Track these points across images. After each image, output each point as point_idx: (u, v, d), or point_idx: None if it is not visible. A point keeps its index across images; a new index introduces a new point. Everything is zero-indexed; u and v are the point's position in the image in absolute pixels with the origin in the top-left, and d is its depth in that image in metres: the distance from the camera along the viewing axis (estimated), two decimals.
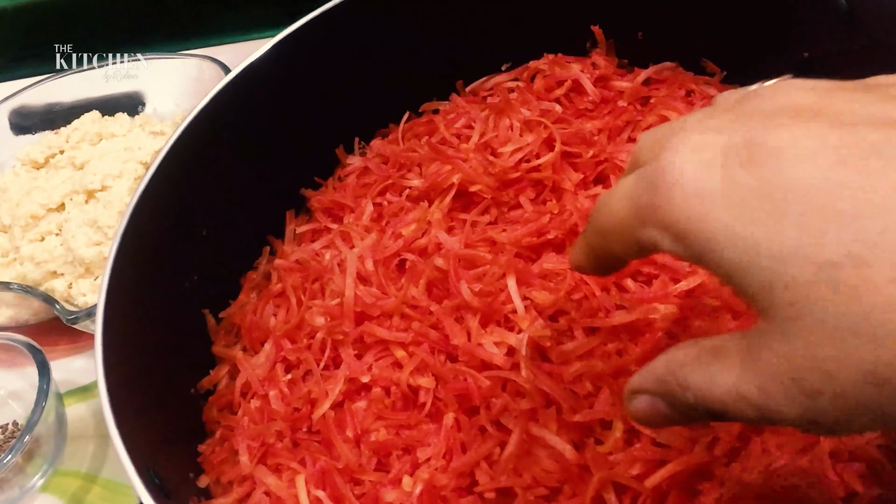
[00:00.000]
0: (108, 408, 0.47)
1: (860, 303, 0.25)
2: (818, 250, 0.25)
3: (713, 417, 0.31)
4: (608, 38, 0.72)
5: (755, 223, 0.27)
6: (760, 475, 0.46)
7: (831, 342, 0.26)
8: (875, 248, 0.24)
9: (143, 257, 0.57)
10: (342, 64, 0.71)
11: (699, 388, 0.31)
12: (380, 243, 0.64)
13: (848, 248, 0.25)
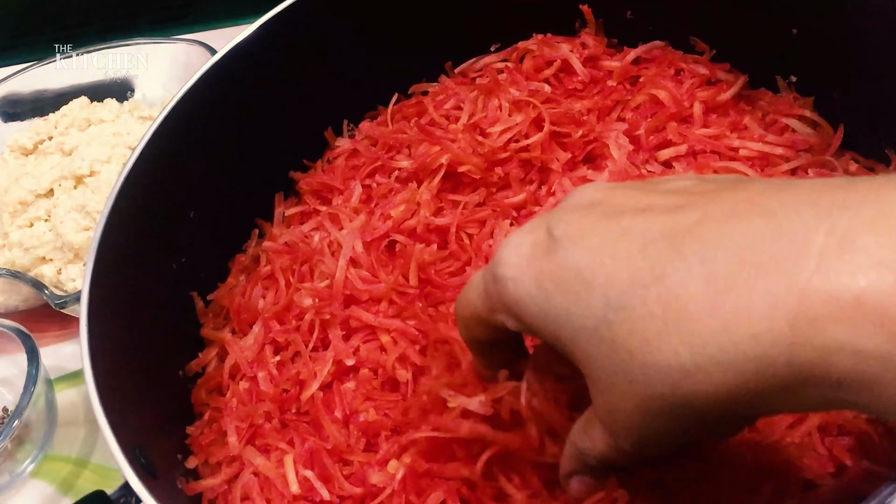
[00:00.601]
0: (93, 389, 0.47)
1: (618, 353, 0.30)
2: (586, 318, 0.31)
3: (614, 466, 0.38)
4: (597, 18, 0.71)
5: (553, 300, 0.32)
6: (750, 451, 0.46)
7: (611, 389, 0.32)
8: (619, 312, 0.30)
9: (129, 240, 0.57)
10: (330, 46, 0.71)
11: (591, 453, 0.37)
12: (368, 225, 0.64)
13: (603, 313, 0.30)
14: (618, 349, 0.30)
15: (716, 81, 0.67)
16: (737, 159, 0.62)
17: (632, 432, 0.33)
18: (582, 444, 0.38)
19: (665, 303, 0.29)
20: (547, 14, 0.72)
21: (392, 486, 0.50)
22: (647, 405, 0.31)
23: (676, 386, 0.29)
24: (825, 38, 0.59)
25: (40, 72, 0.96)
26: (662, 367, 0.29)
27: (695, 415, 0.30)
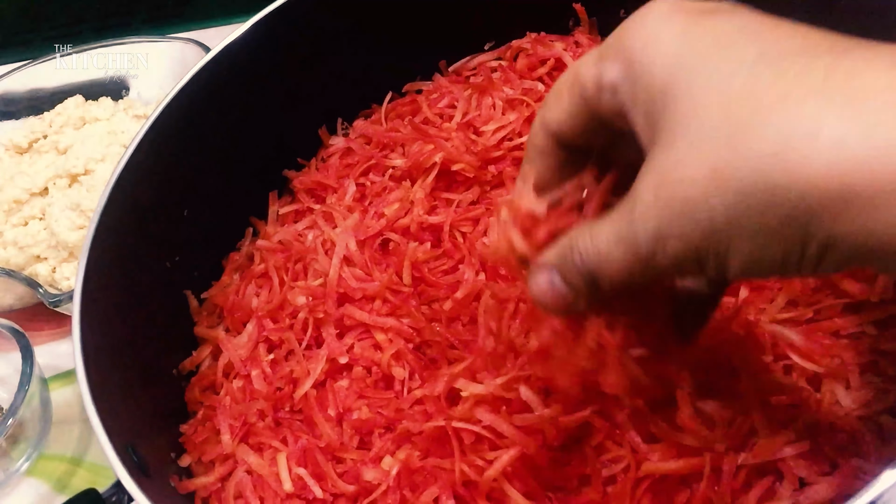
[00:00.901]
0: (85, 388, 0.47)
1: (739, 109, 0.28)
2: (728, 64, 0.29)
3: (594, 286, 0.35)
4: (591, 16, 0.72)
5: (696, 44, 0.31)
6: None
7: (693, 149, 0.29)
8: (777, 64, 0.28)
9: (122, 238, 0.57)
10: (324, 44, 0.71)
11: (585, 247, 0.34)
12: (362, 223, 0.64)
13: (753, 62, 0.29)
14: (742, 106, 0.28)
15: None
16: None
17: (663, 216, 0.30)
18: (580, 239, 0.35)
19: (828, 76, 0.27)
20: (541, 12, 0.72)
21: (387, 482, 0.50)
22: (725, 174, 0.28)
23: (794, 166, 0.27)
24: None
25: (35, 70, 0.96)
26: (782, 139, 0.27)
27: (759, 214, 0.28)
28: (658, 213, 0.31)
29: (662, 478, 0.46)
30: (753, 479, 0.45)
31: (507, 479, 0.48)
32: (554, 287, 0.36)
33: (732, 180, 0.28)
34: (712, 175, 0.29)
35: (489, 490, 0.48)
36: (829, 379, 0.48)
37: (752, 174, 0.28)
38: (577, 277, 0.35)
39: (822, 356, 0.49)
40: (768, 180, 0.27)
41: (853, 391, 0.48)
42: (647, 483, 0.46)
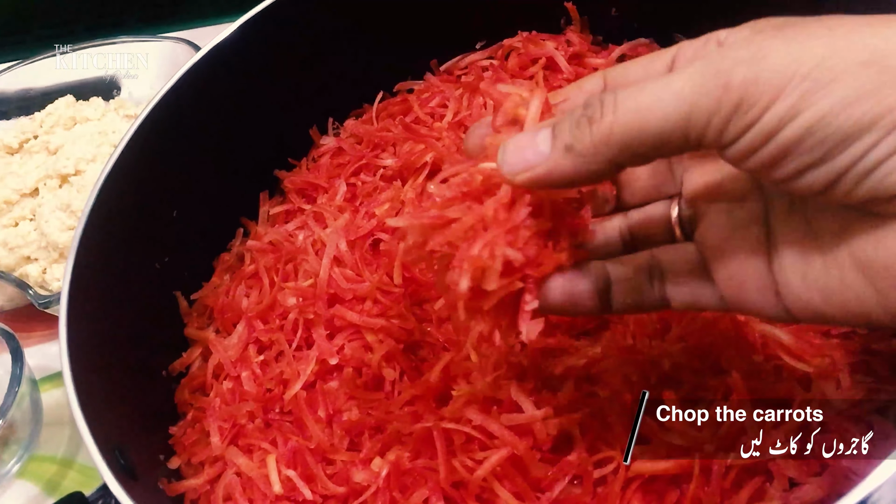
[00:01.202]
0: (71, 390, 0.47)
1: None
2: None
3: (618, 160, 0.30)
4: (582, 15, 0.71)
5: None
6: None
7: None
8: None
9: (111, 239, 0.57)
10: (315, 43, 0.71)
11: (631, 110, 0.29)
12: (353, 223, 0.63)
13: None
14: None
15: None
16: None
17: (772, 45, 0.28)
18: (623, 95, 0.30)
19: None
20: (532, 11, 0.72)
21: (376, 484, 0.50)
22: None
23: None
24: None
25: (27, 70, 0.95)
26: None
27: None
28: (768, 42, 0.28)
29: (652, 478, 0.46)
30: (743, 479, 0.45)
31: (496, 479, 0.48)
32: (556, 141, 0.32)
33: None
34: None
35: (479, 491, 0.48)
36: (819, 379, 0.48)
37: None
38: (595, 147, 0.30)
39: (812, 356, 0.49)
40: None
41: (844, 391, 0.47)
42: (637, 483, 0.46)
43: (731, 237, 0.35)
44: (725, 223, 0.35)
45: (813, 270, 0.31)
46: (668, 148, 0.30)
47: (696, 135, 0.29)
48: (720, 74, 0.28)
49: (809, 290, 0.32)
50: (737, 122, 0.28)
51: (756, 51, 0.28)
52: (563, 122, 0.32)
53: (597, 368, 0.51)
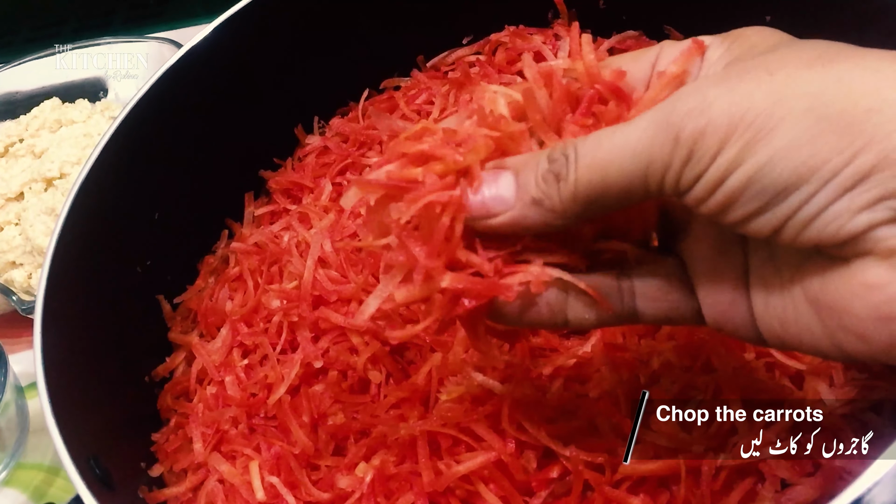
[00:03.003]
0: (45, 398, 0.46)
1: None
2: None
3: (587, 214, 0.31)
4: (570, 8, 0.70)
5: None
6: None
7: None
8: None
9: (89, 242, 0.56)
10: (299, 40, 0.70)
11: (584, 160, 0.30)
12: (338, 224, 0.62)
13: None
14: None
15: None
16: None
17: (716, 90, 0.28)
18: (583, 143, 0.31)
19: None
20: (519, 5, 0.71)
21: (360, 490, 0.49)
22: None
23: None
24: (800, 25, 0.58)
25: (11, 73, 0.94)
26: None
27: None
28: (716, 82, 0.29)
29: (641, 480, 0.45)
30: (734, 480, 0.44)
31: (483, 482, 0.47)
32: (521, 192, 0.32)
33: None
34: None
35: (465, 495, 0.47)
36: (811, 376, 0.47)
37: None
38: (557, 185, 0.31)
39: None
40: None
41: (836, 388, 0.46)
42: (627, 485, 0.45)
43: (717, 258, 0.34)
44: (713, 241, 0.34)
45: (773, 300, 0.32)
46: (633, 198, 0.31)
47: (656, 185, 0.29)
48: (671, 127, 0.28)
49: (770, 319, 0.32)
50: (688, 173, 0.29)
51: (702, 100, 0.28)
52: (527, 172, 0.32)
53: (586, 368, 0.50)
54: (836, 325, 0.29)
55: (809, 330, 0.30)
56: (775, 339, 0.32)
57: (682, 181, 0.29)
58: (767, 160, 0.27)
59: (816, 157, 0.26)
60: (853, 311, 0.28)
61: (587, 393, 0.49)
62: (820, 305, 0.29)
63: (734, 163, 0.28)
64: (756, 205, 0.28)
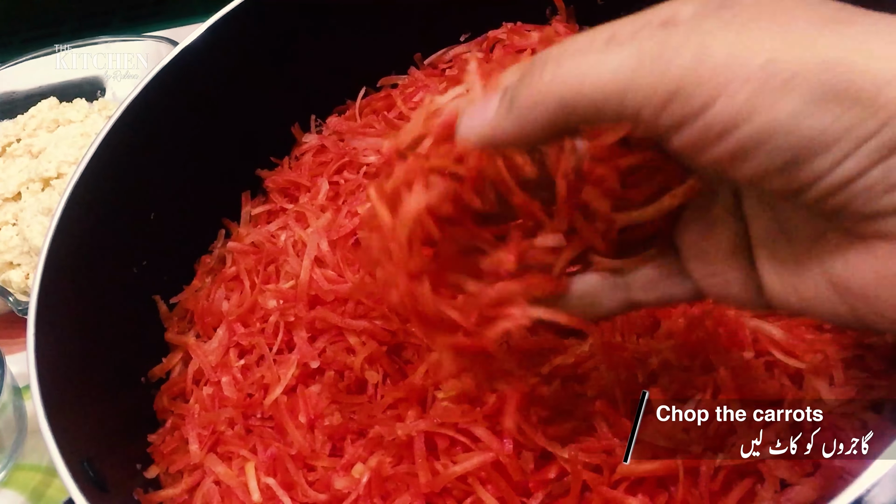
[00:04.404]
0: (38, 400, 0.45)
1: None
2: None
3: (555, 119, 0.29)
4: (568, 5, 0.70)
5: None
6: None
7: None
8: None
9: (83, 242, 0.55)
10: (296, 38, 0.69)
11: (569, 72, 0.29)
12: (335, 222, 0.62)
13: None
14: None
15: None
16: None
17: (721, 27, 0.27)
18: (569, 60, 0.29)
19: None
20: (517, 2, 0.71)
21: (357, 491, 0.49)
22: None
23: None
24: None
25: (9, 72, 0.94)
26: None
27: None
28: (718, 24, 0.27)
29: (640, 480, 0.44)
30: (733, 480, 0.44)
31: (480, 483, 0.46)
32: (500, 113, 0.31)
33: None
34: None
35: (462, 496, 0.47)
36: (811, 375, 0.46)
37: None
38: (531, 109, 0.30)
39: (804, 352, 0.47)
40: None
41: (837, 387, 0.46)
42: (625, 486, 0.45)
43: (709, 233, 0.33)
44: (702, 217, 0.33)
45: (788, 275, 0.30)
46: (604, 118, 0.29)
47: (631, 113, 0.28)
48: (658, 61, 0.27)
49: (787, 293, 0.31)
50: (672, 112, 0.27)
51: (699, 43, 0.26)
52: (511, 82, 0.31)
53: (584, 367, 0.49)
54: (865, 308, 0.28)
55: (833, 310, 0.29)
56: (793, 310, 0.31)
57: (661, 119, 0.27)
58: (787, 116, 0.25)
59: (839, 123, 0.25)
60: (884, 298, 0.27)
61: (585, 392, 0.48)
62: (845, 287, 0.28)
63: (742, 112, 0.26)
64: (773, 162, 0.26)
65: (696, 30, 0.27)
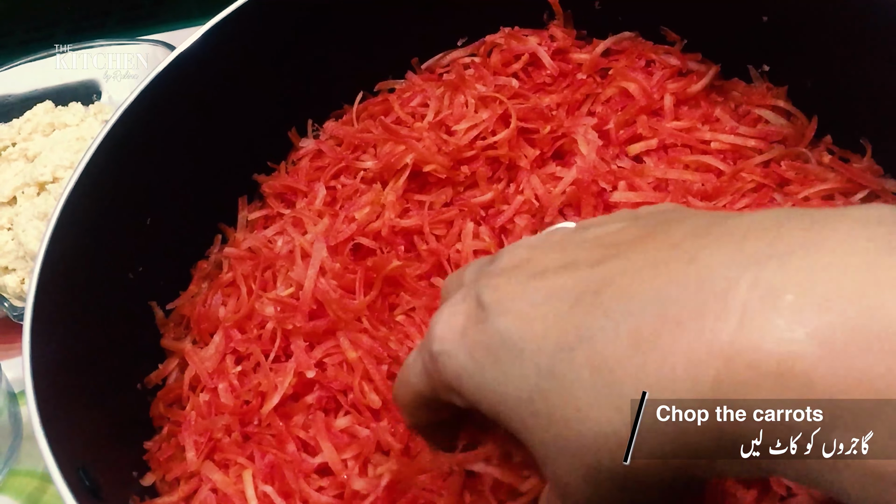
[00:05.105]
0: (33, 405, 0.45)
1: (555, 424, 0.27)
2: (521, 389, 0.28)
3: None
4: (565, 9, 0.69)
5: (487, 373, 0.30)
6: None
7: (555, 462, 0.28)
8: (550, 379, 0.27)
9: (79, 248, 0.55)
10: (293, 42, 0.69)
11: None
12: (332, 228, 0.62)
13: (535, 382, 0.28)
14: (554, 420, 0.27)
15: (687, 72, 0.65)
16: (708, 152, 0.60)
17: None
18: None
19: (593, 366, 0.26)
20: (514, 6, 0.70)
21: (376, 493, 0.49)
22: (593, 476, 0.27)
23: (614, 454, 0.26)
24: (797, 25, 0.57)
25: (5, 76, 0.94)
26: (599, 436, 0.26)
27: (640, 485, 0.27)
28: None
29: None
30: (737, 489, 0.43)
31: None
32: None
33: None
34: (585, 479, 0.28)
35: None
36: None
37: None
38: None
39: None
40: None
41: None
42: None
43: None
44: None
45: None
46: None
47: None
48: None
49: None
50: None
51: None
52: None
53: None
54: None
55: None
56: None
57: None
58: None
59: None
60: None
61: None
62: None
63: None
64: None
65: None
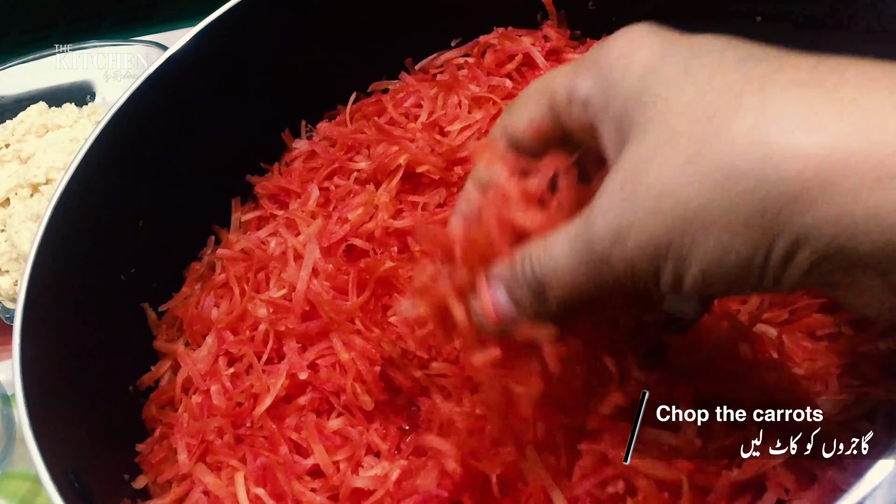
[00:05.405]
0: (23, 408, 0.45)
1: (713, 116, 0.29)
2: (703, 72, 0.30)
3: (541, 301, 0.34)
4: (559, 9, 0.69)
5: (668, 58, 0.31)
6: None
7: (666, 147, 0.29)
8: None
9: (70, 250, 0.55)
10: (287, 43, 0.69)
11: (538, 256, 0.33)
12: (325, 229, 0.61)
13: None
14: (720, 98, 0.28)
15: None
16: None
17: (627, 207, 0.30)
18: (533, 250, 0.34)
19: (810, 69, 0.28)
20: (508, 6, 0.70)
21: (387, 486, 0.48)
22: (699, 163, 0.28)
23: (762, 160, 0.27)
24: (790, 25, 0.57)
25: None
26: (761, 128, 0.27)
27: (730, 203, 0.27)
28: (622, 204, 0.30)
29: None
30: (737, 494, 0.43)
31: None
32: (498, 303, 0.35)
33: (707, 169, 0.28)
34: (686, 163, 0.28)
35: None
36: (807, 381, 0.46)
37: (728, 162, 0.27)
38: (523, 290, 0.34)
39: (802, 360, 0.47)
40: (745, 168, 0.27)
41: (832, 396, 0.46)
42: None
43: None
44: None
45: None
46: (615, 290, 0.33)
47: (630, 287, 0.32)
48: (593, 254, 0.31)
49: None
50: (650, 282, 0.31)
51: (619, 226, 0.30)
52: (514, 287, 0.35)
53: None
54: None
55: None
56: None
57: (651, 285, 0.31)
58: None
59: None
60: None
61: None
62: None
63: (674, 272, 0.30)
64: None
65: (609, 209, 0.31)
